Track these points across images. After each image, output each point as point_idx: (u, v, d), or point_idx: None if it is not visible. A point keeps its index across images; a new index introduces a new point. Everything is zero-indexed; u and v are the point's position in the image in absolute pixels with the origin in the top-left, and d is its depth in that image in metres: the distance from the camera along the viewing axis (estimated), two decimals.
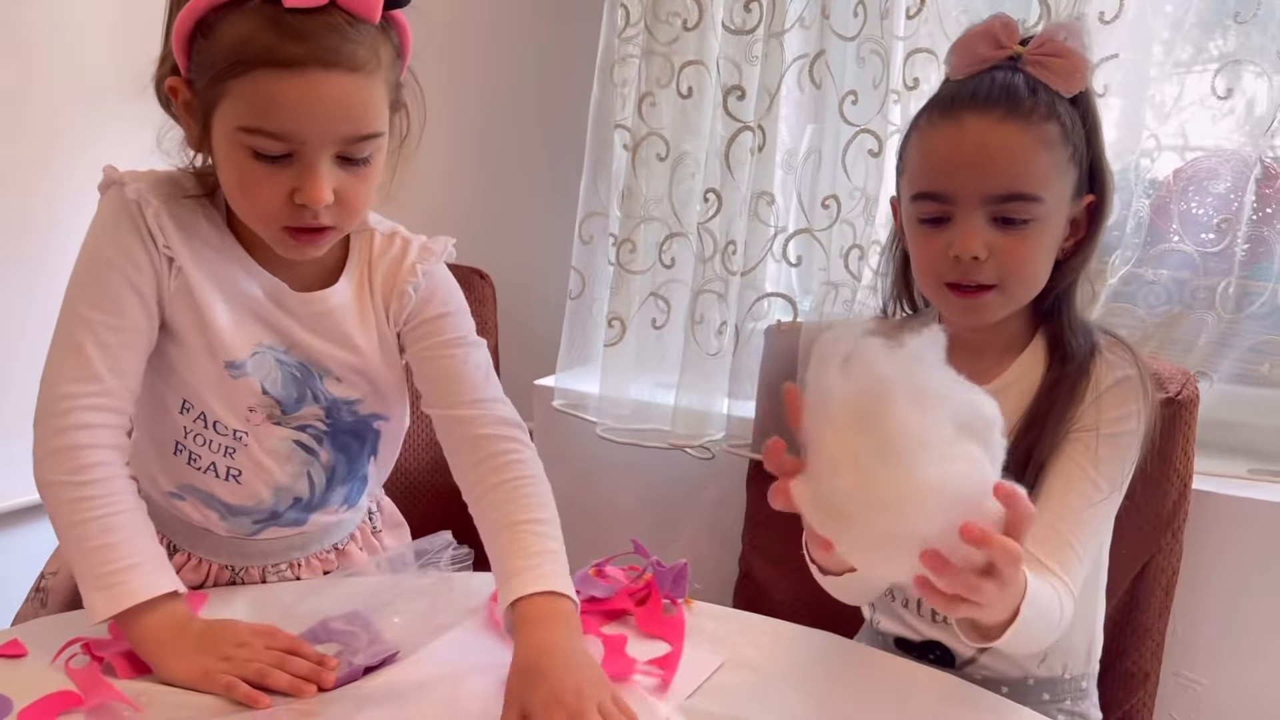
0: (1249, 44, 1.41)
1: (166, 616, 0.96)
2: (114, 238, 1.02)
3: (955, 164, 1.07)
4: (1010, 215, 1.05)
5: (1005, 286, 1.08)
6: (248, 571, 1.16)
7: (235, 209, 1.02)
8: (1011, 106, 1.05)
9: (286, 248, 1.01)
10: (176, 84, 0.98)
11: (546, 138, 2.01)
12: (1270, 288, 1.44)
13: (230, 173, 0.97)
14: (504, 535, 1.02)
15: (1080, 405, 1.09)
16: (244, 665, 0.92)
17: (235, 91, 0.92)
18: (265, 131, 0.92)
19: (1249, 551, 1.39)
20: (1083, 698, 1.19)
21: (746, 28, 1.62)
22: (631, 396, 1.79)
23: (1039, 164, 1.05)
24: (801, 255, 1.66)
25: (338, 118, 0.94)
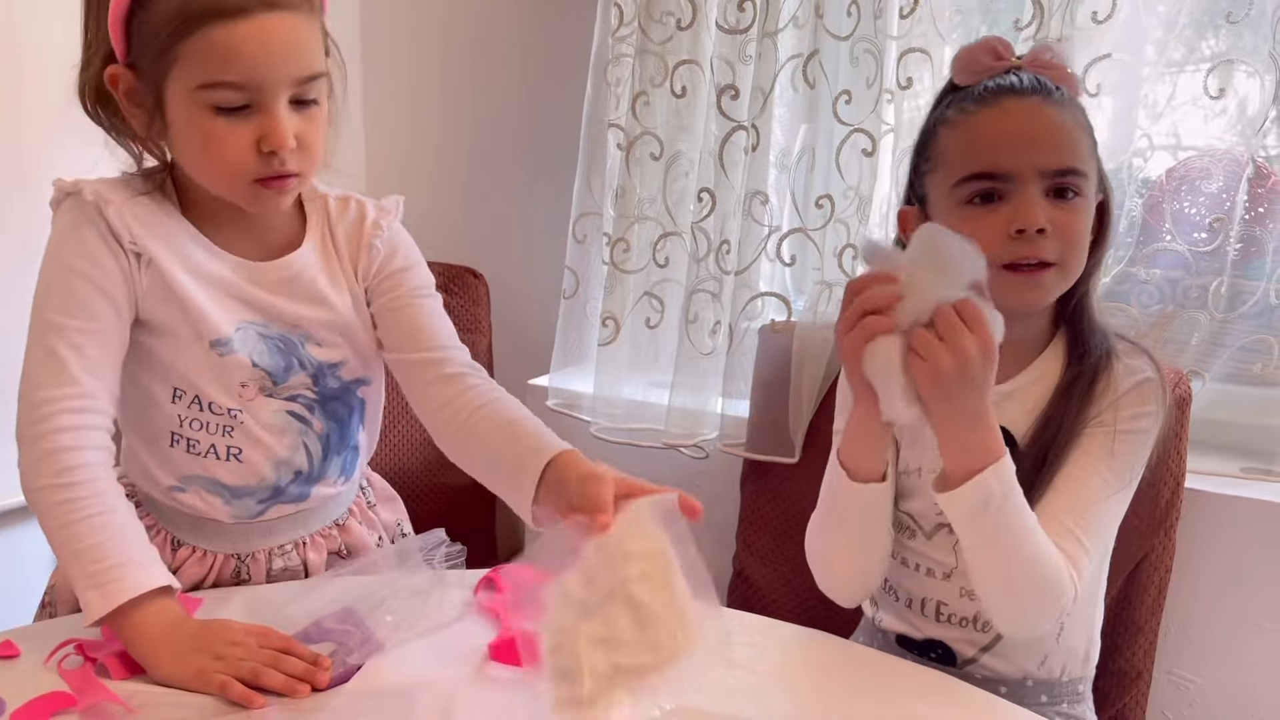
0: (1241, 44, 1.41)
1: (159, 615, 0.95)
2: (77, 245, 1.03)
3: (1008, 142, 1.08)
4: (1065, 188, 1.07)
5: (1064, 263, 1.08)
6: (254, 558, 1.16)
7: (200, 175, 1.03)
8: (1045, 94, 1.09)
9: (257, 200, 1.03)
10: (117, 71, 1.00)
11: (540, 137, 2.01)
12: (1262, 287, 1.44)
13: (193, 137, 0.99)
14: (503, 433, 1.06)
15: (1096, 406, 1.10)
16: (238, 665, 0.92)
17: (187, 52, 0.95)
18: (225, 83, 0.95)
19: (1242, 550, 1.40)
20: (1079, 701, 1.19)
21: (740, 27, 1.62)
22: (625, 396, 1.79)
23: (1083, 141, 1.09)
24: (795, 255, 1.67)
25: (288, 57, 0.97)
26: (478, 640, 1.01)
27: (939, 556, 1.16)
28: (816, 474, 1.15)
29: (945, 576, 1.16)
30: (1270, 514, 1.38)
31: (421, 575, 1.12)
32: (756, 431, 1.63)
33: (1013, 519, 1.00)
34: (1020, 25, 1.45)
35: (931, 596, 1.17)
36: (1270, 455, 1.47)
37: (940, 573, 1.16)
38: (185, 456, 1.11)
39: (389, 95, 2.17)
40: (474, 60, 2.07)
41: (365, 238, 1.15)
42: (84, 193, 1.03)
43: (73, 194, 1.04)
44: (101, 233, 1.02)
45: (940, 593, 1.17)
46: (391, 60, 2.15)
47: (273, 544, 1.17)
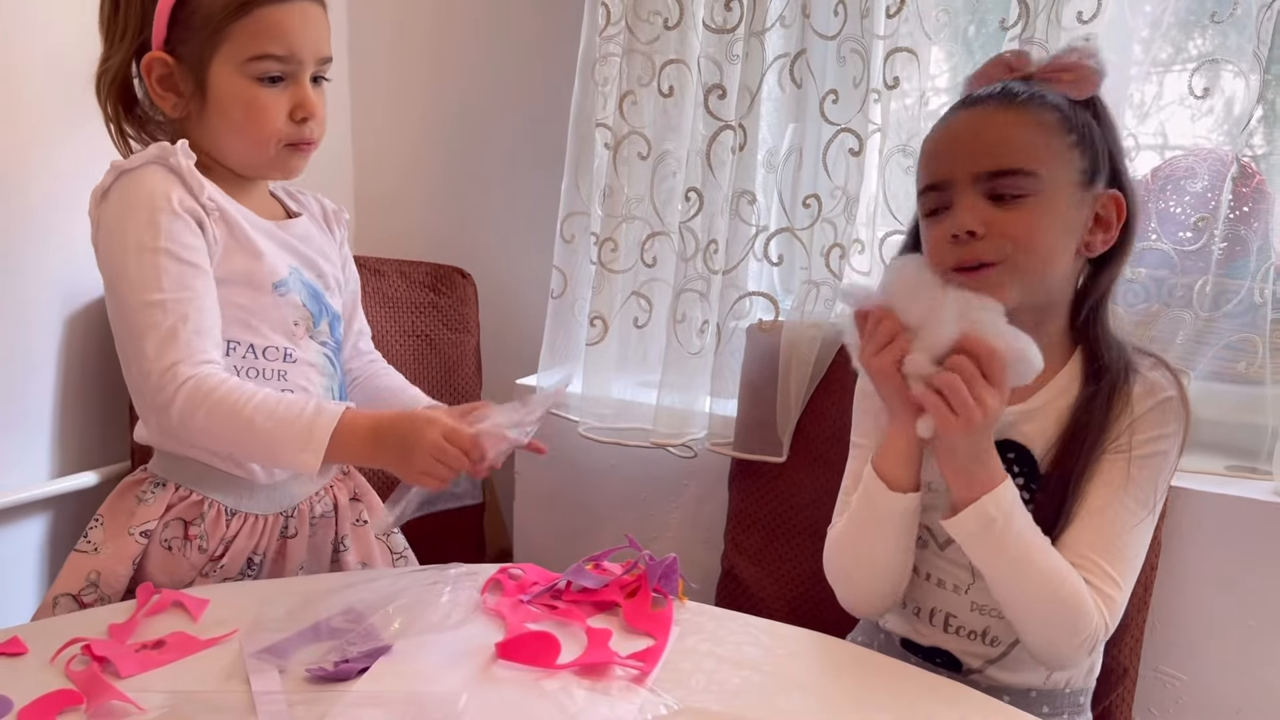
0: (1226, 44, 1.42)
1: (359, 424, 1.10)
2: (152, 225, 1.11)
3: (948, 150, 1.11)
4: (1003, 190, 1.07)
5: (1012, 260, 1.07)
6: (298, 511, 1.25)
7: (235, 143, 1.19)
8: (1006, 99, 1.09)
9: (284, 163, 1.21)
10: (155, 57, 1.16)
11: (528, 136, 2.01)
12: (1247, 286, 1.45)
13: (236, 106, 1.16)
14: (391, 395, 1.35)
15: (1116, 425, 1.10)
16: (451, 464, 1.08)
17: (239, 31, 1.13)
18: (273, 55, 1.15)
19: (1227, 548, 1.41)
20: (1079, 712, 1.20)
21: (727, 26, 1.62)
22: (613, 395, 1.79)
23: (1030, 139, 1.07)
24: (783, 254, 1.67)
25: (318, 38, 1.19)
26: (485, 640, 1.01)
27: (952, 569, 1.16)
28: (804, 473, 1.15)
29: (957, 589, 1.16)
30: (1255, 512, 1.38)
31: (429, 578, 1.13)
32: (744, 431, 1.63)
33: (1016, 541, 1.03)
34: (1006, 25, 1.46)
35: (941, 607, 1.17)
36: (1255, 453, 1.47)
37: (952, 584, 1.16)
38: None
39: (376, 96, 2.16)
40: (461, 60, 2.07)
41: (334, 218, 1.36)
42: (170, 159, 1.13)
43: (133, 169, 1.12)
44: (179, 194, 1.12)
45: (951, 605, 1.17)
46: (379, 61, 2.15)
47: (311, 493, 1.27)
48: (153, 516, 1.17)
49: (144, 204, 1.10)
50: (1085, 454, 1.09)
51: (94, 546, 1.18)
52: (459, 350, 1.93)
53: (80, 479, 1.60)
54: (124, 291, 1.10)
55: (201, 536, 1.17)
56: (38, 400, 1.56)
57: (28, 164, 1.50)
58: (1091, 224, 1.11)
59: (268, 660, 0.96)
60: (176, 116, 1.19)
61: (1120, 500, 1.08)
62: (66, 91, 1.54)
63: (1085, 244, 1.11)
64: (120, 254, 1.11)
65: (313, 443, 1.07)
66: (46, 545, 1.60)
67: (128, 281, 1.10)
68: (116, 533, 1.17)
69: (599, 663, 0.97)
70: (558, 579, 1.13)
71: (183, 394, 1.07)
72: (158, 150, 1.13)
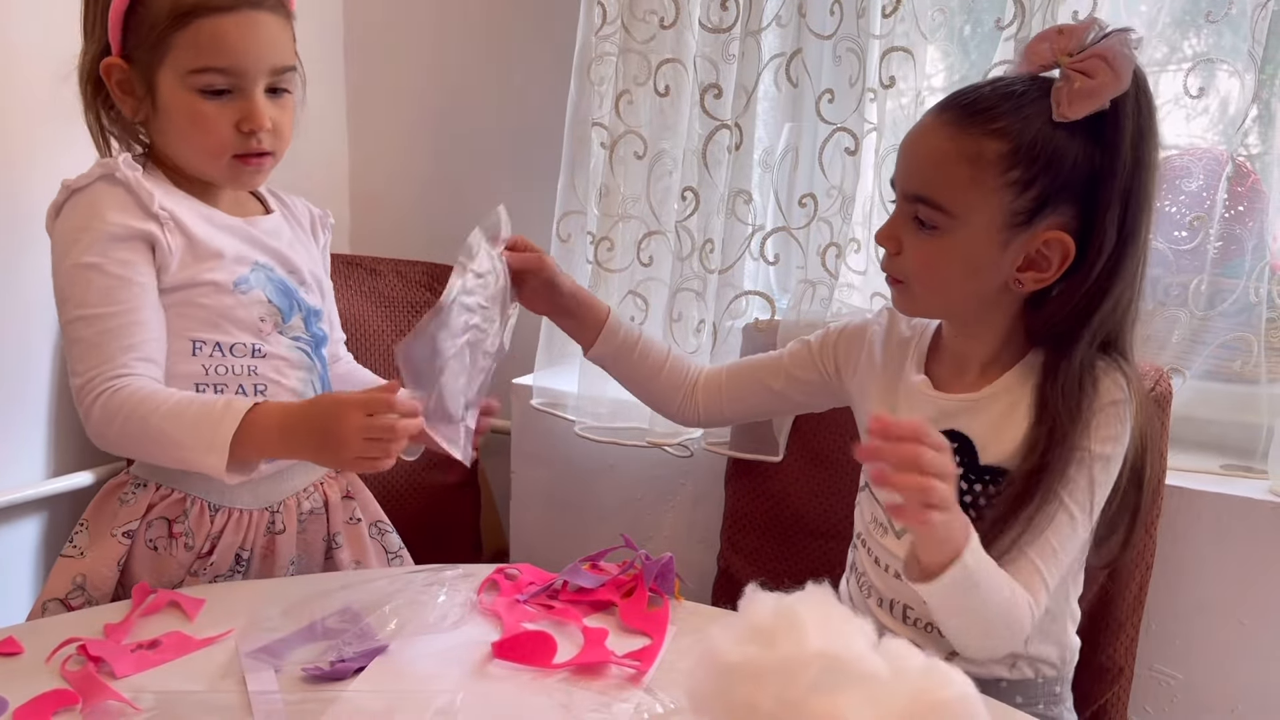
0: (1221, 43, 1.42)
1: (272, 412, 1.06)
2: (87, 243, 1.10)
3: (901, 154, 1.12)
4: (920, 217, 1.07)
5: (908, 284, 1.11)
6: (285, 506, 1.23)
7: (185, 153, 1.17)
8: (962, 113, 1.05)
9: (235, 176, 1.19)
10: (112, 62, 1.14)
11: (524, 136, 2.01)
12: (1242, 285, 1.45)
13: (180, 117, 1.14)
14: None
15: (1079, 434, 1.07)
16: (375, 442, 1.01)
17: (180, 42, 1.11)
18: (214, 68, 1.11)
19: (1222, 547, 1.41)
20: (1056, 702, 1.19)
21: (723, 26, 1.62)
22: (610, 395, 1.78)
23: (954, 176, 1.04)
24: (779, 253, 1.67)
25: (268, 48, 1.14)
26: (481, 640, 1.01)
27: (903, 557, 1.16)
28: (800, 472, 1.16)
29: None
30: (1250, 510, 1.38)
31: (426, 578, 1.13)
32: (740, 430, 1.63)
33: (985, 585, 0.99)
34: (1002, 25, 1.46)
35: (899, 598, 1.17)
36: (1250, 452, 1.48)
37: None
38: None
39: (372, 95, 2.16)
40: (457, 59, 2.07)
41: (320, 221, 1.36)
42: (117, 173, 1.11)
43: (82, 188, 1.12)
44: (125, 209, 1.11)
45: (906, 595, 1.15)
46: (375, 60, 2.15)
47: (299, 486, 1.25)
48: (134, 517, 1.16)
49: (84, 223, 1.10)
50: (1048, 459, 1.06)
51: (79, 550, 1.18)
52: None
53: (76, 479, 1.60)
54: (59, 306, 1.12)
55: (187, 534, 1.17)
56: (34, 400, 1.56)
57: (25, 164, 1.50)
58: (1021, 264, 1.06)
59: (263, 660, 0.96)
60: (136, 120, 1.18)
61: (1069, 510, 1.06)
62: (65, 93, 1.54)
63: (1015, 280, 1.07)
64: (60, 272, 1.12)
65: (216, 443, 1.03)
66: (42, 545, 1.60)
67: (61, 296, 1.11)
68: (100, 535, 1.17)
69: (595, 662, 0.97)
70: (554, 579, 1.13)
71: (98, 406, 1.07)
72: (102, 166, 1.12)
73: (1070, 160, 1.03)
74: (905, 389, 1.18)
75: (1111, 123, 1.02)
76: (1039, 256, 1.06)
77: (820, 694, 0.67)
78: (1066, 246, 1.05)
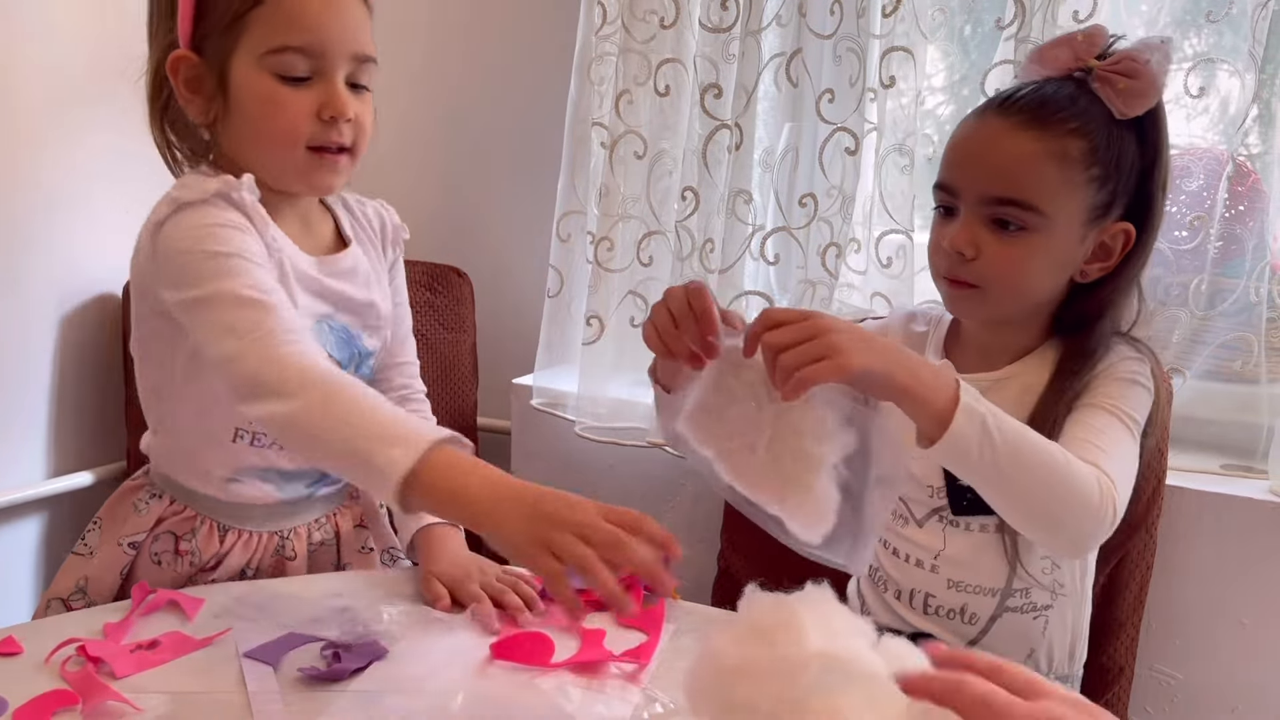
0: (1222, 43, 1.42)
1: (480, 467, 0.89)
2: (225, 236, 1.01)
3: (964, 159, 1.10)
4: (1006, 219, 1.06)
5: (988, 288, 1.09)
6: (295, 533, 1.19)
7: (259, 145, 1.07)
8: (1036, 114, 1.06)
9: (311, 174, 1.08)
10: (180, 55, 1.05)
11: (524, 136, 2.00)
12: (1242, 285, 1.45)
13: (254, 104, 1.05)
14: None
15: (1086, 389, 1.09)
16: (579, 549, 0.83)
17: (257, 20, 1.03)
18: (293, 47, 1.03)
19: (1222, 547, 1.41)
20: None
21: (723, 26, 1.62)
22: (610, 395, 1.78)
23: (1045, 175, 1.05)
24: (779, 253, 1.67)
25: (352, 31, 1.06)
26: (480, 640, 1.01)
27: (927, 543, 1.17)
28: None
29: (933, 568, 1.17)
30: (1250, 510, 1.38)
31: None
32: None
33: (1010, 430, 0.95)
34: (1002, 24, 1.46)
35: (920, 588, 1.18)
36: (1250, 452, 1.48)
37: (928, 563, 1.17)
38: (247, 450, 1.13)
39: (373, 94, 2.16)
40: (457, 59, 2.06)
41: (394, 235, 1.26)
42: (233, 194, 1.03)
43: (194, 203, 1.01)
44: (244, 229, 1.03)
45: (928, 584, 1.17)
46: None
47: (311, 519, 1.21)
48: (143, 528, 1.15)
49: (195, 238, 1.00)
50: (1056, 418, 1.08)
51: (89, 550, 1.17)
52: (455, 350, 1.92)
53: (76, 479, 1.60)
54: (200, 296, 0.99)
55: (194, 552, 1.15)
56: (34, 400, 1.56)
57: (24, 164, 1.50)
58: (1090, 255, 1.10)
59: (263, 660, 0.96)
60: (204, 122, 1.09)
61: (1103, 408, 1.06)
62: (64, 92, 1.54)
63: (1081, 272, 1.11)
64: (192, 285, 0.99)
65: (414, 439, 0.88)
66: (42, 545, 1.60)
67: (201, 283, 0.99)
68: (109, 539, 1.16)
69: (594, 660, 0.97)
70: None
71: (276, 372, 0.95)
72: (220, 183, 1.03)
73: (1130, 155, 1.08)
74: None
75: (1152, 119, 1.08)
76: (1104, 247, 1.10)
77: (820, 694, 0.67)
78: (1129, 235, 1.10)
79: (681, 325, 0.94)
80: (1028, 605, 1.16)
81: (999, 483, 0.97)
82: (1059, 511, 0.98)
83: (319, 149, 1.07)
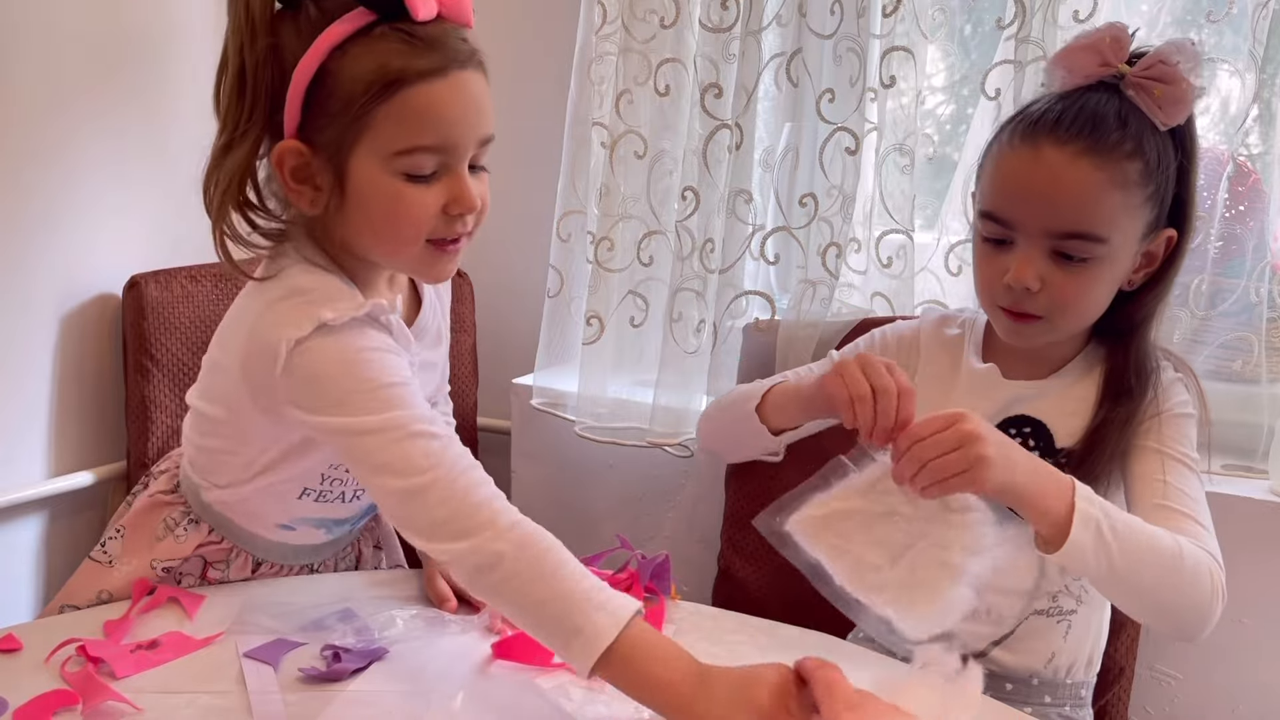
0: (1222, 43, 1.42)
1: (673, 651, 0.87)
2: (382, 363, 0.97)
3: (1023, 193, 1.07)
4: (1070, 252, 1.06)
5: (1051, 319, 1.09)
6: (324, 565, 1.21)
7: (379, 242, 1.00)
8: (1093, 141, 1.04)
9: (430, 266, 1.03)
10: (289, 146, 0.96)
11: (524, 135, 2.00)
12: (1242, 285, 1.45)
13: (380, 205, 0.97)
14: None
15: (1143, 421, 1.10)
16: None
17: (382, 118, 0.93)
18: (423, 147, 0.94)
19: (1222, 547, 1.40)
20: (1081, 705, 1.20)
21: (724, 25, 1.62)
22: (610, 395, 1.78)
23: (1109, 205, 1.04)
24: (779, 253, 1.67)
25: (480, 117, 0.98)
26: (480, 639, 1.01)
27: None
28: (800, 472, 1.14)
29: None
30: (1250, 511, 1.38)
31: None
32: None
33: (1124, 529, 0.97)
34: (1003, 24, 1.46)
35: None
36: (1250, 452, 1.48)
37: None
38: (312, 504, 1.13)
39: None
40: None
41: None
42: (380, 317, 1.00)
43: (339, 326, 0.96)
44: (399, 352, 1.00)
45: None
46: None
47: (338, 550, 1.22)
48: (180, 554, 1.12)
49: (365, 360, 0.96)
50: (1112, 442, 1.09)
51: (110, 559, 1.14)
52: (455, 350, 1.91)
53: (76, 479, 1.60)
54: (353, 420, 0.95)
55: (223, 579, 1.15)
56: (34, 400, 1.56)
57: (24, 165, 1.50)
58: (1138, 263, 1.10)
59: (263, 659, 0.96)
60: (313, 213, 1.00)
61: (1167, 460, 1.08)
62: (64, 93, 1.54)
63: (1128, 281, 1.11)
64: (350, 413, 0.95)
65: (618, 611, 0.87)
66: (42, 545, 1.60)
67: (359, 409, 0.95)
68: (136, 553, 1.13)
69: None
70: None
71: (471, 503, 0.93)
72: (372, 306, 0.98)
73: (1172, 163, 1.07)
74: (966, 378, 1.19)
75: (1185, 122, 1.08)
76: (1149, 254, 1.10)
77: None
78: (1172, 239, 1.10)
79: (881, 400, 0.96)
80: (1054, 609, 1.15)
81: (1114, 581, 0.99)
82: (1171, 606, 1.01)
83: (438, 242, 1.01)
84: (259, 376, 0.98)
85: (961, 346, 1.22)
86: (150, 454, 1.58)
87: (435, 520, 0.91)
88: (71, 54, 1.54)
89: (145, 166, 1.62)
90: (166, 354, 1.59)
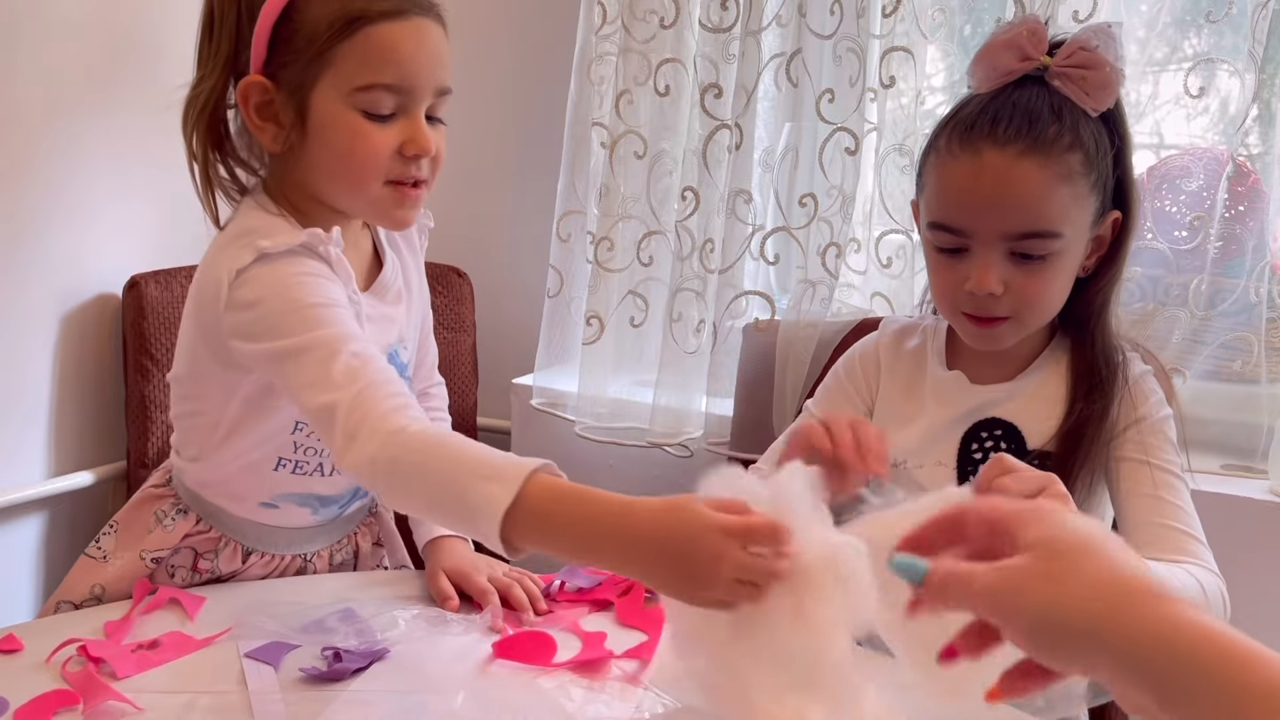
0: (1222, 43, 1.42)
1: (591, 498, 0.83)
2: (313, 286, 0.98)
3: (972, 201, 1.06)
4: (1028, 251, 1.05)
5: (1019, 317, 1.09)
6: (318, 554, 1.19)
7: (337, 180, 1.04)
8: (1032, 139, 1.03)
9: (387, 210, 1.06)
10: (253, 82, 1.01)
11: (524, 136, 2.00)
12: (1242, 285, 1.45)
13: (339, 140, 1.01)
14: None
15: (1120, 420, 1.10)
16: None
17: (343, 55, 0.99)
18: (382, 84, 1.00)
19: (1221, 547, 1.40)
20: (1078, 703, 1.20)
21: (723, 26, 1.62)
22: (610, 395, 1.79)
23: (1058, 199, 1.04)
24: (779, 253, 1.67)
25: (438, 64, 1.05)
26: (481, 639, 1.01)
27: None
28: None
29: None
30: (1250, 511, 1.38)
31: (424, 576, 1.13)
32: (740, 430, 1.63)
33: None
34: (1003, 24, 1.46)
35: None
36: (1250, 452, 1.48)
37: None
38: (289, 477, 1.12)
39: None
40: (457, 58, 2.06)
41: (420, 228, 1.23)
42: (321, 248, 1.01)
43: (277, 254, 0.98)
44: (333, 279, 1.02)
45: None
46: None
47: (335, 540, 1.21)
48: (168, 545, 1.13)
49: (296, 283, 0.98)
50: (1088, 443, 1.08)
51: (104, 554, 1.14)
52: (455, 350, 1.92)
53: (76, 479, 1.60)
54: (278, 336, 0.97)
55: (213, 570, 1.15)
56: (34, 400, 1.56)
57: (25, 164, 1.50)
58: (1089, 250, 1.10)
59: (263, 660, 0.96)
60: (276, 150, 1.04)
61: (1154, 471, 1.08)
62: (64, 93, 1.54)
63: (1083, 268, 1.11)
64: (281, 335, 0.96)
65: (509, 474, 0.83)
66: (42, 545, 1.60)
67: (284, 328, 0.97)
68: (128, 546, 1.14)
69: (595, 659, 0.97)
70: (552, 579, 1.13)
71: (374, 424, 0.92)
72: (308, 235, 1.00)
73: (1108, 145, 1.07)
74: (934, 386, 1.18)
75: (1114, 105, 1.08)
76: (1099, 239, 1.10)
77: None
78: (1118, 221, 1.10)
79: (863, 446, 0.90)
80: None
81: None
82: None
83: (396, 183, 1.04)
84: (207, 315, 1.02)
85: (924, 356, 1.20)
86: (150, 454, 1.58)
87: (347, 431, 0.90)
88: (71, 54, 1.54)
89: (145, 166, 1.62)
90: (166, 354, 1.59)
